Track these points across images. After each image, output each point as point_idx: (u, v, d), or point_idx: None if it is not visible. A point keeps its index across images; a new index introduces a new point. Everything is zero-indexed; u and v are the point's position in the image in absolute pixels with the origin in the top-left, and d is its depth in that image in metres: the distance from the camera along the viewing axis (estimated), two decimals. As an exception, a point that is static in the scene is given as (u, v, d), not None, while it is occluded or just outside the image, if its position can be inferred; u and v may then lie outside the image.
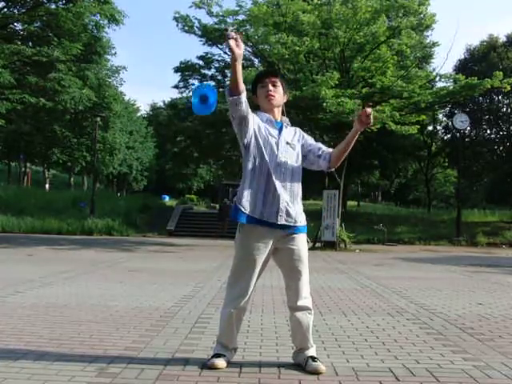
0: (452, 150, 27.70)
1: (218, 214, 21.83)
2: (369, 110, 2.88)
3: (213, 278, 7.40)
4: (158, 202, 31.66)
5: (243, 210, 2.93)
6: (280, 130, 3.04)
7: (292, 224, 2.96)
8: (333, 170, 3.17)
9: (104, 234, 18.88)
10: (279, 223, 2.92)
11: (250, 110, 2.91)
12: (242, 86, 2.82)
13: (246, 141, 2.96)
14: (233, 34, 2.71)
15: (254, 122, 2.98)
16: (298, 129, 3.19)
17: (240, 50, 2.75)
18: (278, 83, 3.02)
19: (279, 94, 3.03)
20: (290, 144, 3.02)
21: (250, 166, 2.97)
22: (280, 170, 2.95)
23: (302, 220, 3.03)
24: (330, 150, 3.11)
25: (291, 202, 2.97)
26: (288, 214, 2.94)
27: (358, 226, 19.50)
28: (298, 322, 2.98)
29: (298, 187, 3.03)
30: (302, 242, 3.01)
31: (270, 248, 2.98)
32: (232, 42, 2.70)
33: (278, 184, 2.94)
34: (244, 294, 2.94)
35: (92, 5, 20.41)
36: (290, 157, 3.00)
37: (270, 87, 3.00)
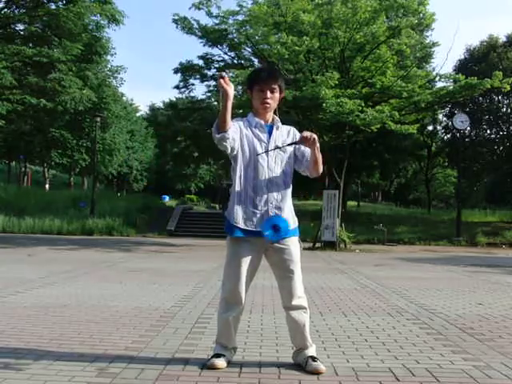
0: (452, 150, 27.65)
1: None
2: (305, 134, 2.85)
3: (213, 278, 7.40)
4: (158, 202, 31.65)
5: (234, 223, 2.97)
6: (270, 133, 3.00)
7: None
8: (315, 176, 3.08)
9: (104, 234, 18.88)
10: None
11: (236, 137, 2.88)
12: (230, 123, 2.78)
13: (233, 154, 2.96)
14: (223, 73, 2.72)
15: (242, 134, 2.96)
16: (292, 129, 3.13)
17: (231, 88, 2.71)
18: (277, 88, 2.97)
19: (275, 100, 2.99)
20: (280, 148, 2.98)
21: (237, 175, 2.98)
22: (269, 175, 2.93)
23: (292, 224, 3.01)
24: None
25: (282, 207, 2.96)
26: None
27: (358, 225, 19.49)
28: (294, 321, 2.99)
29: (288, 190, 3.02)
30: (292, 242, 3.01)
31: (260, 251, 3.00)
32: (223, 82, 2.68)
33: (266, 192, 2.92)
34: (234, 295, 2.94)
35: (93, 5, 20.43)
36: (281, 161, 2.98)
37: (268, 94, 2.95)
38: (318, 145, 2.90)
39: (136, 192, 46.93)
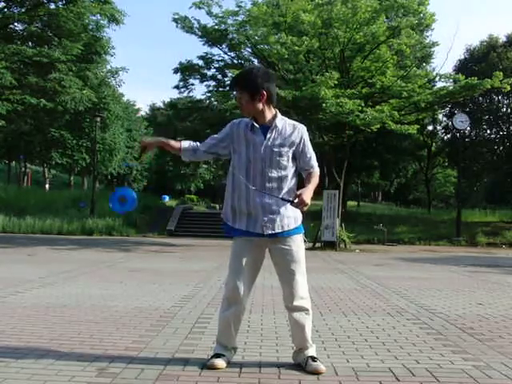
0: (452, 150, 27.65)
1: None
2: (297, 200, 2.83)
3: (213, 277, 7.40)
4: (158, 202, 31.65)
5: (230, 224, 2.99)
6: (265, 134, 2.95)
7: (280, 231, 2.93)
8: None
9: (104, 234, 18.87)
10: (265, 233, 2.91)
11: (216, 147, 3.06)
12: (178, 146, 3.04)
13: (223, 158, 3.18)
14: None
15: (234, 136, 3.00)
16: (297, 129, 3.01)
17: (152, 142, 3.12)
18: (241, 90, 2.96)
19: (245, 103, 2.95)
20: (275, 149, 2.92)
21: (230, 176, 3.01)
22: (263, 176, 2.91)
23: (292, 223, 2.97)
24: (308, 173, 3.04)
25: (279, 207, 2.92)
26: (273, 223, 2.91)
27: (358, 225, 19.49)
28: (296, 322, 2.98)
29: (288, 190, 2.96)
30: (295, 241, 2.98)
31: (262, 251, 3.00)
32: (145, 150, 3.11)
33: (259, 193, 2.90)
34: (235, 294, 2.94)
35: (92, 5, 20.41)
36: (276, 161, 2.92)
37: (237, 100, 3.14)
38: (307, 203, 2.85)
39: (136, 192, 46.89)
